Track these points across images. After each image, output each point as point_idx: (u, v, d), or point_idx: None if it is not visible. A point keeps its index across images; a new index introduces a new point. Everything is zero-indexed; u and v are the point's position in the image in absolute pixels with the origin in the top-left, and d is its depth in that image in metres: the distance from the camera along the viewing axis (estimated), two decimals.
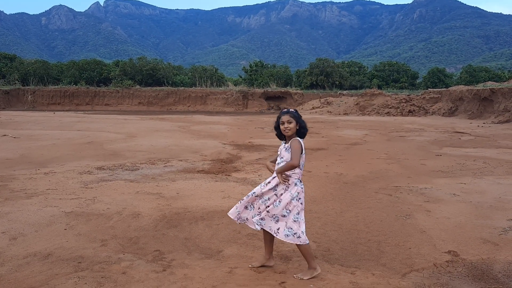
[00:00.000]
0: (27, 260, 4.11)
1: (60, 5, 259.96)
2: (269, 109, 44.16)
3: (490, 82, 37.76)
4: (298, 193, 3.81)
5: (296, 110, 3.98)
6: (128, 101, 46.45)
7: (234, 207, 4.06)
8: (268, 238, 4.00)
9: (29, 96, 45.75)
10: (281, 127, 3.88)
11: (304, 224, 3.81)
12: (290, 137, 3.89)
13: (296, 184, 3.83)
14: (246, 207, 4.00)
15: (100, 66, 53.92)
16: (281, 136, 3.97)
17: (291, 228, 3.74)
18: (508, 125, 21.31)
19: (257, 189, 3.98)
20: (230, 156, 11.05)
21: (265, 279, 3.76)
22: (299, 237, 3.73)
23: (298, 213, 3.79)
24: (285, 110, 3.93)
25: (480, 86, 30.35)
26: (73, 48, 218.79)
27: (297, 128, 3.89)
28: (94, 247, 4.47)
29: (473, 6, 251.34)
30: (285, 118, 3.86)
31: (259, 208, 3.92)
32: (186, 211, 5.86)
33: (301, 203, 3.83)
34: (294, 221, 3.76)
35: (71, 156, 10.56)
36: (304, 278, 3.74)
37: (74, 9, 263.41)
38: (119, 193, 6.76)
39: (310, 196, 6.84)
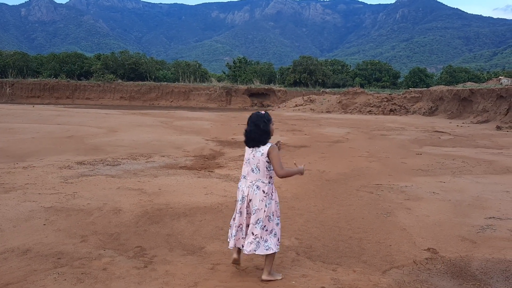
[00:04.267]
0: (5, 256, 4.03)
1: None
2: (252, 106, 44.17)
3: (469, 82, 38.50)
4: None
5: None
6: (110, 95, 45.91)
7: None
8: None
9: (8, 89, 44.81)
10: (273, 128, 3.77)
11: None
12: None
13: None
14: None
15: (81, 59, 53.15)
16: (268, 138, 3.73)
17: None
18: (486, 125, 21.75)
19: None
20: (213, 152, 11.02)
21: (247, 276, 3.76)
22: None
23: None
24: (267, 112, 3.79)
25: (460, 87, 30.91)
26: (53, 40, 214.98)
27: None
28: (74, 243, 4.40)
29: (454, 8, 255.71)
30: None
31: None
32: (168, 207, 5.83)
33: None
34: None
35: (51, 150, 10.37)
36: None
37: (55, 1, 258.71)
38: (100, 189, 6.67)
39: (292, 193, 6.87)
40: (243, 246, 3.72)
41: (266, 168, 3.68)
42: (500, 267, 4.13)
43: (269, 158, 3.66)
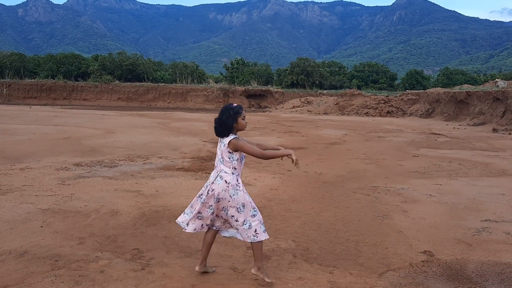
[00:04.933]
0: (2, 258, 4.03)
1: None
2: (250, 107, 44.17)
3: (466, 85, 38.60)
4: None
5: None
6: (107, 96, 45.85)
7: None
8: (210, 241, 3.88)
9: (4, 90, 44.70)
10: (243, 122, 3.71)
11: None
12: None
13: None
14: None
15: (78, 60, 53.08)
16: (233, 131, 3.69)
17: None
18: (482, 128, 21.83)
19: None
20: (210, 154, 11.02)
21: (244, 278, 3.78)
22: None
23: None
24: (239, 105, 3.76)
25: (456, 89, 31.00)
26: (50, 41, 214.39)
27: None
28: (71, 245, 4.41)
29: (451, 10, 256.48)
30: (245, 113, 3.75)
31: None
32: (166, 209, 5.83)
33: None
34: None
35: (48, 152, 10.36)
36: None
37: (52, 1, 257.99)
38: (97, 190, 6.67)
39: (289, 195, 6.89)
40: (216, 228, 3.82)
41: (229, 158, 3.66)
42: (495, 270, 4.16)
43: (231, 149, 3.64)
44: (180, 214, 3.90)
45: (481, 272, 4.10)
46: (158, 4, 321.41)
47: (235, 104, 3.75)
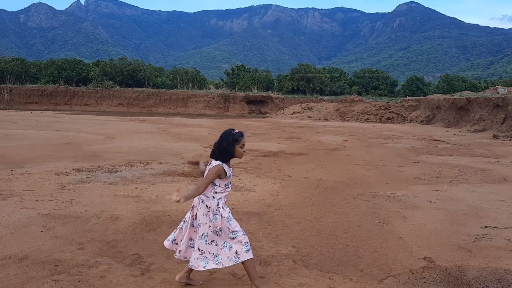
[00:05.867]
0: (2, 263, 4.03)
1: (40, 2, 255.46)
2: (250, 113, 44.25)
3: (466, 91, 38.65)
4: None
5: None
6: (108, 101, 45.95)
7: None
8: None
9: (6, 95, 44.83)
10: (241, 150, 3.65)
11: None
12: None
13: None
14: None
15: (79, 65, 53.23)
16: (227, 158, 3.67)
17: None
18: (483, 134, 21.84)
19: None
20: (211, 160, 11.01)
21: (244, 284, 3.77)
22: None
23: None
24: (240, 132, 3.68)
25: (456, 95, 31.04)
26: (52, 46, 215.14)
27: None
28: (71, 250, 4.41)
29: (451, 17, 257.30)
30: (244, 141, 3.67)
31: None
32: (166, 214, 5.84)
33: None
34: None
35: (49, 157, 10.37)
36: None
37: (54, 7, 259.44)
38: (97, 196, 6.68)
39: (290, 201, 6.89)
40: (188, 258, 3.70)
41: (212, 182, 3.62)
42: (495, 276, 4.15)
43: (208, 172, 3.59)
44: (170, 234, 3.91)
45: (481, 279, 4.09)
46: (160, 10, 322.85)
47: (236, 131, 3.66)
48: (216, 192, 3.63)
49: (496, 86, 36.08)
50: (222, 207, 3.62)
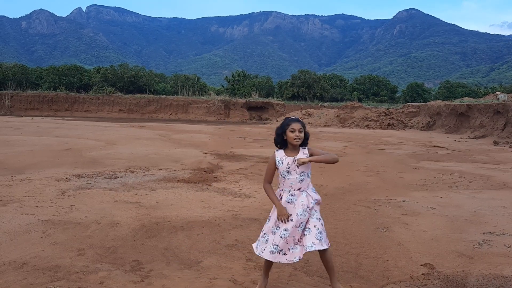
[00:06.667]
0: (1, 269, 4.01)
1: (41, 9, 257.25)
2: (250, 119, 44.29)
3: (466, 98, 38.70)
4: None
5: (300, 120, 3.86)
6: (109, 108, 46.05)
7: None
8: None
9: (7, 101, 44.94)
10: (292, 135, 3.63)
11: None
12: (295, 146, 3.70)
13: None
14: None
15: (80, 72, 53.40)
16: (282, 143, 3.72)
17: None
18: (483, 140, 21.83)
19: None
20: (211, 166, 11.03)
21: None
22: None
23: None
24: (294, 118, 3.74)
25: (457, 102, 31.08)
26: (53, 53, 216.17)
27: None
28: (71, 257, 4.39)
29: (451, 24, 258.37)
30: (297, 126, 3.63)
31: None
32: (166, 220, 5.82)
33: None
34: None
35: (49, 163, 10.38)
36: None
37: (56, 14, 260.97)
38: (97, 202, 6.67)
39: None
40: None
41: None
42: (496, 283, 4.13)
43: None
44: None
45: (482, 286, 4.07)
46: (161, 17, 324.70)
47: (293, 117, 3.78)
48: (279, 183, 3.75)
49: (497, 93, 36.13)
50: (277, 200, 3.72)
